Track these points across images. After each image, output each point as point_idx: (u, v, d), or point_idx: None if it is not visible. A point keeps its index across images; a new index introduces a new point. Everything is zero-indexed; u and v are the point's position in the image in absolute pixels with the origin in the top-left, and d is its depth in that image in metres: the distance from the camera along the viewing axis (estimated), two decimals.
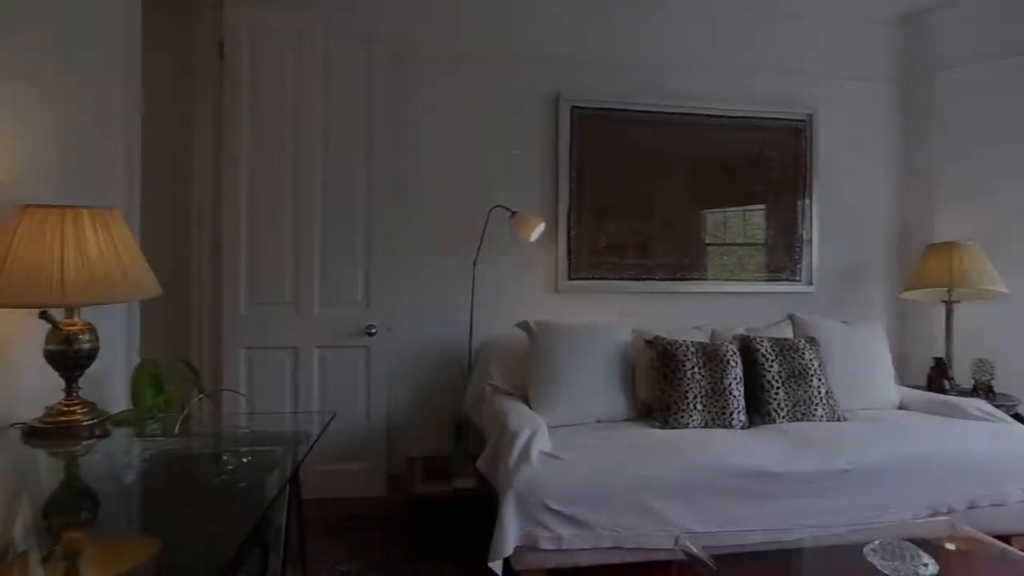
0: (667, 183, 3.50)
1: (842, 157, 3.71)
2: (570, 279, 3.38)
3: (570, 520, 2.08)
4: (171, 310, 3.01)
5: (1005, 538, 2.47)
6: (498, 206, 3.15)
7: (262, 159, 2.93)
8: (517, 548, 2.06)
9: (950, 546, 2.00)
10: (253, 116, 2.91)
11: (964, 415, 2.67)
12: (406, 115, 3.24)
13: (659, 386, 2.65)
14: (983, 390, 3.10)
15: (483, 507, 2.49)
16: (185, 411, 1.63)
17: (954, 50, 3.51)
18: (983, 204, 3.42)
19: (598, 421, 2.68)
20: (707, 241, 3.59)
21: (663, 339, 2.74)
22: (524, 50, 3.36)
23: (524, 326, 2.84)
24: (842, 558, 1.95)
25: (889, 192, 3.80)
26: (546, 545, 2.06)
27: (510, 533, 2.02)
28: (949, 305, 3.25)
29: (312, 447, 1.41)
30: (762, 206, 3.64)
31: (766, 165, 3.61)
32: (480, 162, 3.34)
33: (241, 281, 2.92)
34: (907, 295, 3.43)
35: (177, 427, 1.56)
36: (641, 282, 3.48)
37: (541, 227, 3.08)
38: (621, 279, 3.45)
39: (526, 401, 2.74)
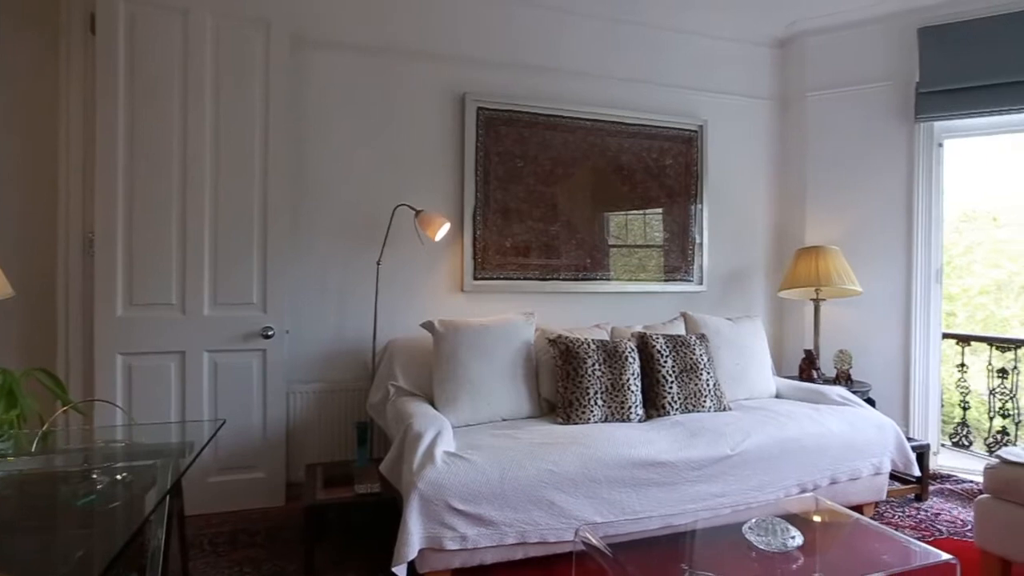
0: (571, 186, 3.61)
1: (729, 166, 4.01)
2: (476, 279, 3.39)
3: (475, 519, 2.09)
4: (31, 313, 2.70)
5: (858, 507, 2.80)
6: (403, 205, 3.11)
7: (142, 148, 2.68)
8: (421, 550, 2.04)
9: (816, 518, 2.22)
10: (132, 101, 2.67)
11: (828, 401, 2.99)
12: (306, 106, 3.12)
13: (562, 383, 2.73)
14: (843, 378, 3.48)
15: (387, 512, 2.44)
16: (45, 426, 1.46)
17: (820, 75, 3.90)
18: (845, 213, 3.84)
19: (503, 419, 2.72)
20: (610, 243, 3.74)
21: (565, 338, 2.83)
22: (431, 47, 3.34)
23: (428, 326, 2.82)
24: (725, 537, 2.11)
25: (769, 200, 4.16)
26: (451, 545, 2.06)
27: (414, 536, 2.00)
28: (816, 303, 3.61)
29: (196, 458, 1.32)
30: (660, 210, 3.85)
31: (663, 171, 3.82)
32: (385, 159, 3.27)
33: (118, 281, 2.66)
34: (782, 294, 3.78)
35: (35, 444, 1.39)
36: (546, 282, 3.57)
37: (446, 227, 3.07)
38: (526, 279, 3.52)
39: (431, 402, 2.73)
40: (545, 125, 3.53)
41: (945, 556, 1.66)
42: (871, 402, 3.28)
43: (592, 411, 2.66)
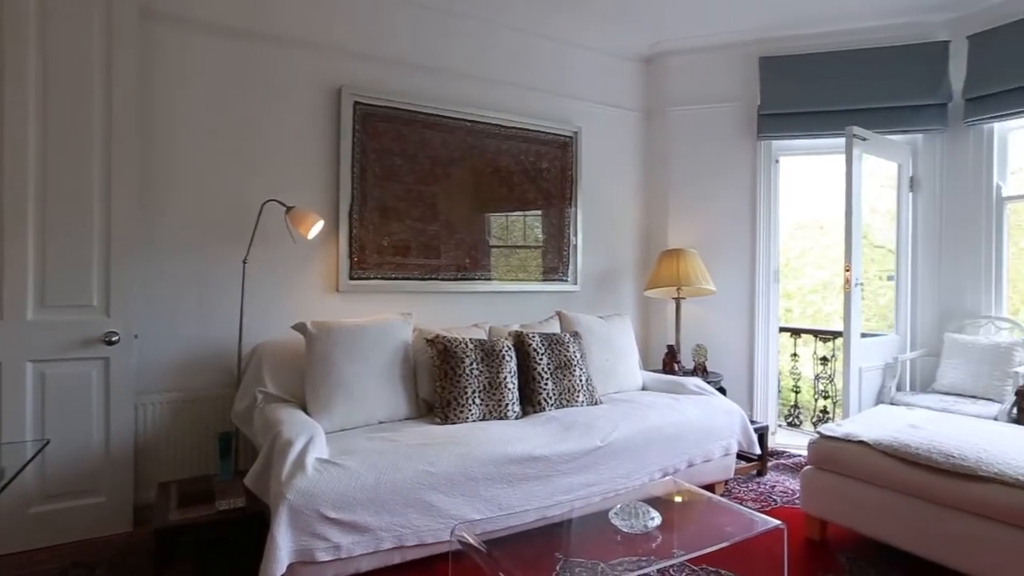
0: (451, 186, 3.61)
1: (601, 172, 4.24)
2: (352, 279, 3.29)
3: (349, 527, 2.03)
4: None
5: (711, 486, 3.09)
6: (272, 200, 2.92)
7: None
8: (291, 565, 1.94)
9: (676, 499, 2.42)
10: None
11: (686, 391, 3.26)
12: (156, 87, 2.82)
13: (440, 383, 2.73)
14: (700, 369, 3.82)
15: (254, 528, 2.29)
16: None
17: (681, 91, 4.26)
18: (702, 219, 4.21)
19: (380, 422, 2.66)
20: (492, 243, 3.80)
21: (443, 337, 2.83)
22: (305, 36, 3.17)
23: (300, 327, 2.68)
24: (594, 524, 2.23)
25: (637, 205, 4.45)
26: (323, 557, 1.98)
27: (283, 550, 1.90)
28: (678, 301, 3.94)
29: (7, 486, 1.14)
30: (539, 212, 3.97)
31: (540, 175, 3.95)
32: (253, 151, 3.06)
33: None
34: (648, 293, 4.07)
35: None
36: (425, 282, 3.54)
37: (320, 224, 2.94)
38: (405, 279, 3.47)
39: (303, 407, 2.60)
40: (424, 124, 3.50)
41: (775, 522, 1.89)
42: (723, 390, 3.64)
43: (470, 410, 2.69)
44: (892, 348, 3.83)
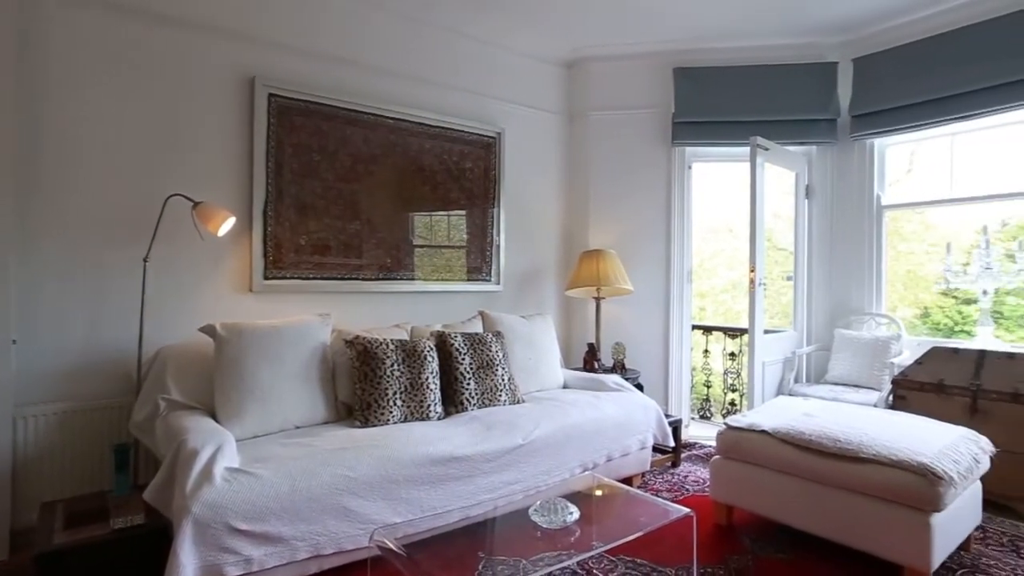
0: (373, 184, 3.53)
1: (524, 173, 4.29)
2: (267, 279, 3.14)
3: (262, 538, 1.94)
4: None
5: (628, 479, 3.21)
6: (177, 194, 2.74)
7: None
8: None
9: (595, 493, 2.50)
10: None
11: (606, 388, 3.37)
12: (37, 64, 2.57)
13: (360, 385, 2.66)
14: (619, 367, 3.96)
15: (155, 546, 2.13)
16: None
17: (601, 97, 4.39)
18: (621, 220, 4.36)
19: (296, 427, 2.56)
20: (415, 242, 3.75)
21: (363, 338, 2.76)
22: (214, 19, 2.99)
23: (209, 330, 2.53)
24: (515, 522, 2.26)
25: (559, 206, 4.55)
26: (233, 572, 1.88)
27: (187, 568, 1.78)
28: (598, 301, 4.06)
29: None
30: (463, 212, 3.97)
31: (463, 175, 3.95)
32: (154, 142, 2.85)
33: None
34: (569, 293, 4.17)
35: None
36: (346, 282, 3.44)
37: (231, 221, 2.79)
38: (324, 279, 3.36)
39: (212, 414, 2.46)
40: (345, 120, 3.41)
41: (685, 510, 1.99)
42: (640, 387, 3.79)
43: (391, 412, 2.65)
44: (791, 343, 4.14)
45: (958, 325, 4.68)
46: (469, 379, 2.94)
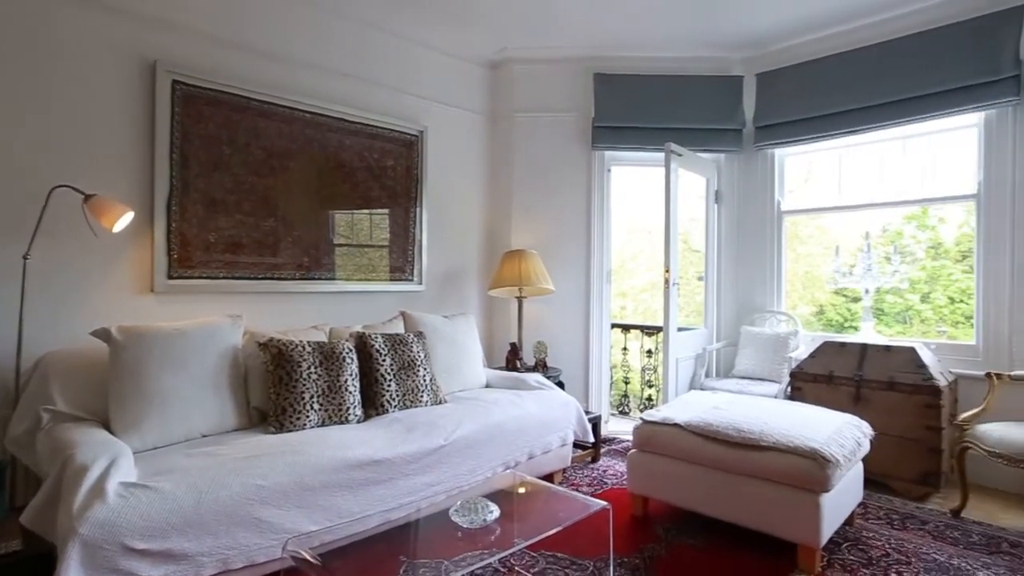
0: (291, 180, 3.39)
1: (447, 172, 4.27)
2: (171, 278, 2.94)
3: (163, 556, 1.81)
4: None
5: (550, 475, 3.27)
6: (63, 186, 2.51)
7: None
8: None
9: (516, 491, 2.52)
10: None
11: (527, 387, 3.41)
12: None
13: (274, 390, 2.55)
14: (541, 365, 4.03)
15: (40, 573, 1.95)
16: None
17: (524, 99, 4.44)
18: (542, 221, 4.44)
19: (203, 436, 2.42)
20: (336, 241, 3.63)
21: (278, 341, 2.65)
22: None
23: (103, 334, 2.33)
24: (436, 523, 2.25)
25: (482, 206, 4.56)
26: None
27: None
28: (520, 300, 4.10)
29: None
30: (386, 211, 3.89)
31: (384, 172, 3.87)
32: (38, 128, 2.59)
33: None
34: (492, 292, 4.19)
35: None
36: (261, 281, 3.29)
37: (129, 216, 2.58)
38: (236, 278, 3.19)
39: (105, 425, 2.27)
40: (258, 112, 3.25)
41: (602, 504, 2.06)
42: (561, 384, 3.87)
43: (308, 416, 2.55)
44: (702, 340, 4.37)
45: (847, 321, 5.13)
46: (390, 380, 2.89)
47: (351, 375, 2.74)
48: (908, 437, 3.15)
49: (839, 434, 2.50)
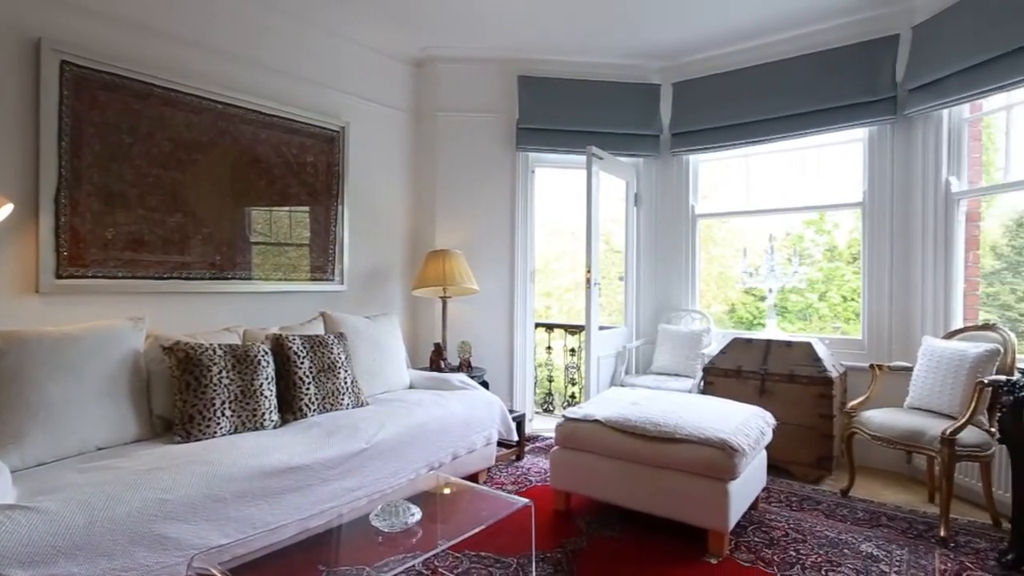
0: (200, 173, 3.20)
1: (370, 170, 4.17)
2: (61, 277, 2.69)
3: None
4: None
5: (475, 475, 3.28)
6: None
7: None
8: None
9: (439, 492, 2.51)
10: None
11: (451, 387, 3.41)
12: None
13: (180, 396, 2.40)
14: (465, 365, 4.02)
15: None
16: None
17: (449, 98, 4.42)
18: (467, 221, 4.43)
19: (99, 448, 2.24)
20: (253, 239, 3.46)
21: (185, 344, 2.49)
22: None
23: None
24: (358, 529, 2.20)
25: (405, 205, 4.49)
26: None
27: None
28: (444, 300, 4.08)
29: None
30: (307, 208, 3.75)
31: (304, 169, 3.73)
32: None
33: None
34: (415, 292, 4.14)
35: None
36: (167, 281, 3.08)
37: (8, 209, 2.33)
38: (139, 278, 2.96)
39: None
40: (163, 99, 3.04)
41: (524, 501, 2.08)
42: (486, 384, 3.88)
43: (219, 423, 2.42)
44: (622, 338, 4.53)
45: (756, 319, 5.48)
46: (309, 383, 2.79)
47: (267, 379, 2.63)
48: (805, 425, 3.41)
49: (745, 425, 2.66)
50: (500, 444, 3.55)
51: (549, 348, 5.13)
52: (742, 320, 5.51)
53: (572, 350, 5.06)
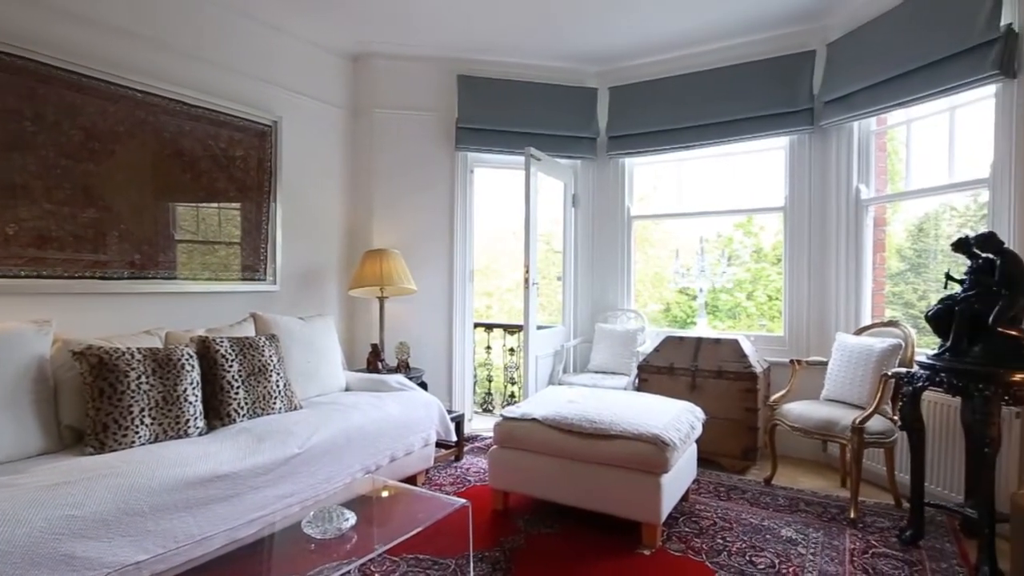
0: (119, 166, 3.00)
1: (305, 167, 4.04)
2: None
3: None
4: None
5: (413, 477, 3.24)
6: None
7: None
8: None
9: (376, 496, 2.47)
10: None
11: (388, 388, 3.36)
12: None
13: (93, 404, 2.24)
14: (403, 366, 3.97)
15: None
16: None
17: (387, 95, 4.35)
18: (405, 220, 4.38)
19: None
20: (179, 237, 3.28)
21: (98, 348, 2.33)
22: None
23: None
24: (289, 537, 2.13)
25: (342, 203, 4.38)
26: None
27: None
28: (381, 300, 4.01)
29: None
30: (237, 205, 3.59)
31: (233, 164, 3.57)
32: None
33: None
34: (352, 292, 4.05)
35: None
36: (79, 281, 2.87)
37: None
38: (46, 277, 2.75)
39: None
40: (71, 85, 2.83)
41: (461, 502, 2.08)
42: (424, 385, 3.85)
43: (137, 432, 2.28)
44: (560, 337, 4.60)
45: (689, 318, 5.70)
46: (238, 388, 2.67)
47: (191, 384, 2.49)
48: (732, 418, 3.58)
49: (677, 420, 2.76)
50: (439, 445, 3.53)
51: (488, 348, 5.14)
52: (676, 319, 5.71)
53: (511, 349, 5.10)
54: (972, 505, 2.48)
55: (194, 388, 2.51)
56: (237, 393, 2.66)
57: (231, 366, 2.69)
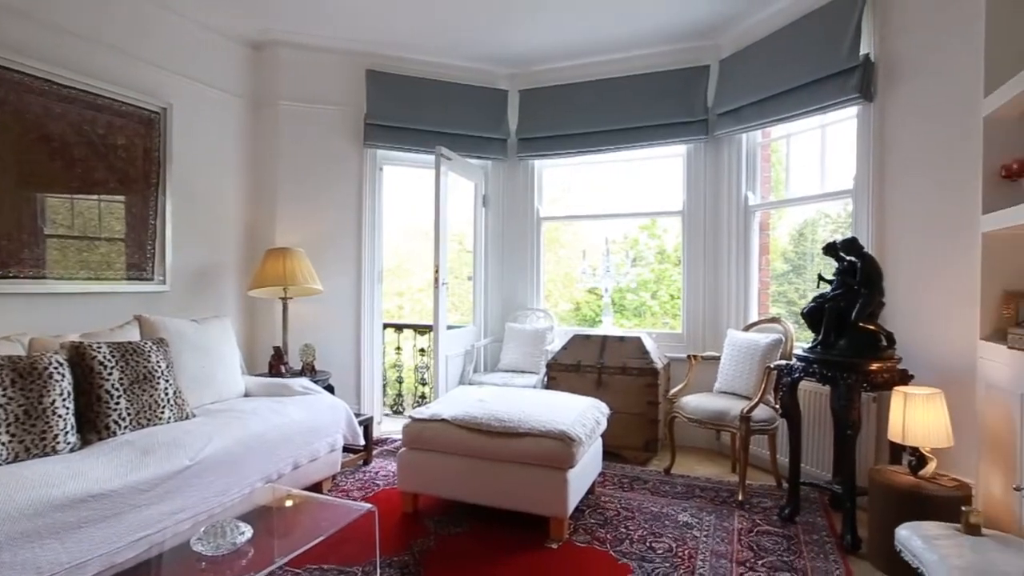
0: None
1: (199, 158, 3.77)
2: None
3: None
4: None
5: (319, 484, 3.12)
6: None
7: None
8: None
9: (276, 506, 2.36)
10: None
11: (292, 392, 3.21)
12: None
13: None
14: (308, 369, 3.82)
15: None
16: None
17: (292, 86, 4.15)
18: (311, 218, 4.20)
19: None
20: (48, 231, 2.95)
21: None
22: None
23: None
24: (176, 557, 1.98)
25: (241, 198, 4.14)
26: None
27: None
28: (285, 301, 3.83)
29: None
30: (120, 197, 3.28)
31: (113, 151, 3.27)
32: None
33: None
34: (252, 293, 3.84)
35: None
36: None
37: None
38: None
39: None
40: None
41: (366, 507, 2.03)
42: (331, 388, 3.71)
43: None
44: (471, 337, 4.61)
45: (598, 316, 5.90)
46: (118, 397, 2.45)
47: (60, 394, 2.25)
48: (635, 412, 3.75)
49: (583, 416, 2.86)
50: (347, 449, 3.43)
51: (399, 349, 5.05)
52: (586, 318, 5.90)
53: (422, 350, 5.04)
54: (838, 482, 2.76)
55: (64, 399, 2.27)
56: (118, 403, 2.44)
57: (111, 374, 2.46)
